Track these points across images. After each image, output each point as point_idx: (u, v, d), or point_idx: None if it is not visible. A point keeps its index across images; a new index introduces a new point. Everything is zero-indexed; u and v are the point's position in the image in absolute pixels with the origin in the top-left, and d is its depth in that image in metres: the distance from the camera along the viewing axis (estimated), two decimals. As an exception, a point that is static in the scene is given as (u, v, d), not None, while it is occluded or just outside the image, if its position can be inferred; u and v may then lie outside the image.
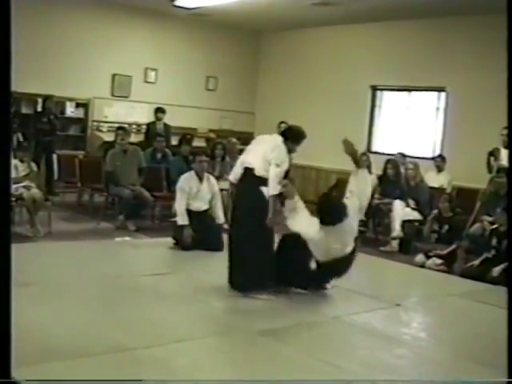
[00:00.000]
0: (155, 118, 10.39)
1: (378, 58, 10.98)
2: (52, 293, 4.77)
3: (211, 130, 12.01)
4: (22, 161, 7.42)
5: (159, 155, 9.19)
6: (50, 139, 9.86)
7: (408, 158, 9.31)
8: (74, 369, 3.37)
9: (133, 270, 5.83)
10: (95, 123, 11.19)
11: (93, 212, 8.48)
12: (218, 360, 3.91)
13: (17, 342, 2.70)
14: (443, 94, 10.24)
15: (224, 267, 5.26)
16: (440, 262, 6.93)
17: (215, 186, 7.11)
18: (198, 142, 10.95)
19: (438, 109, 10.42)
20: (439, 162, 9.06)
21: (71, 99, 10.88)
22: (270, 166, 5.00)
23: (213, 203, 7.04)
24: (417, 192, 8.28)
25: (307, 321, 4.64)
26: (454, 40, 9.91)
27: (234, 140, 9.39)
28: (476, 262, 6.56)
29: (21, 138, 9.10)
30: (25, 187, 7.18)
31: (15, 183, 7.01)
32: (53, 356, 3.50)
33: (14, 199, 6.82)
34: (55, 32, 10.45)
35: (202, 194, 6.96)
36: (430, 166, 9.15)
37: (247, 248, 5.05)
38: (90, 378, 3.25)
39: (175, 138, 10.15)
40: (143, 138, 10.46)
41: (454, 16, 9.66)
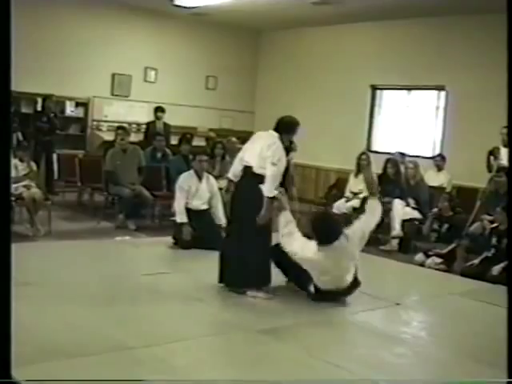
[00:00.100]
0: (155, 118, 10.37)
1: (378, 57, 10.97)
2: (52, 292, 4.76)
3: (211, 129, 12.00)
4: (21, 160, 7.41)
5: (159, 154, 9.19)
6: (50, 138, 9.85)
7: (408, 157, 9.30)
8: (74, 368, 3.37)
9: (133, 269, 5.84)
10: (95, 122, 11.20)
11: (93, 211, 8.50)
12: (218, 359, 3.92)
13: (17, 342, 2.70)
14: (443, 92, 10.24)
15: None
16: (440, 260, 6.92)
17: (214, 186, 7.11)
18: (198, 141, 10.96)
19: (437, 108, 10.42)
20: (439, 161, 9.06)
21: (71, 98, 10.88)
22: (266, 164, 4.91)
23: (213, 204, 7.04)
24: (417, 191, 8.27)
25: (307, 320, 4.63)
26: (454, 39, 9.92)
27: (234, 139, 9.38)
28: (476, 261, 6.55)
29: (20, 138, 9.09)
30: (25, 186, 7.18)
31: (15, 182, 7.00)
32: (53, 356, 3.50)
33: (13, 198, 6.82)
34: (55, 31, 10.44)
35: (201, 193, 6.97)
36: (430, 165, 9.15)
37: (245, 246, 5.02)
38: (90, 377, 3.25)
39: (175, 137, 10.14)
40: (143, 138, 10.43)
41: (453, 15, 9.66)
